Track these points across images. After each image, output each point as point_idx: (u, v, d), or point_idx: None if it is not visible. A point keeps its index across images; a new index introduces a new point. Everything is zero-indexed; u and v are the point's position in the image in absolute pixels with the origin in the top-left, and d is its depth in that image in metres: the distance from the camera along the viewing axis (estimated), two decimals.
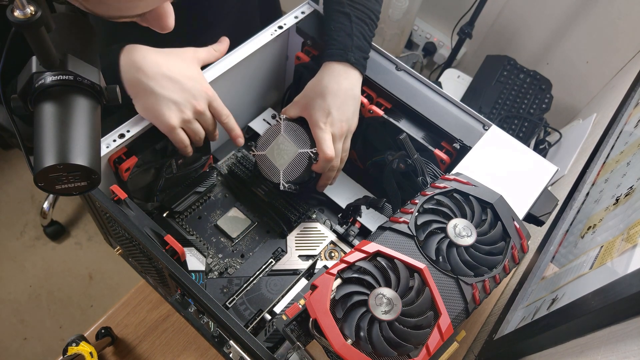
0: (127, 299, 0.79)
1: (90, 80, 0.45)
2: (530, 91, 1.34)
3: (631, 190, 0.55)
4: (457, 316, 0.49)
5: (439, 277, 0.51)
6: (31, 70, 0.43)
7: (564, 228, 0.74)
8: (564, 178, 0.99)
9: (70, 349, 0.70)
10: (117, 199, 0.61)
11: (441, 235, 0.53)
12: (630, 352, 0.39)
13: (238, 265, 0.73)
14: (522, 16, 1.55)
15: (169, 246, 0.58)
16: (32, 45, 0.41)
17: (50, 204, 1.62)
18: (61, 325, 1.52)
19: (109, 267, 1.62)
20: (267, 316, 0.69)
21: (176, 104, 0.61)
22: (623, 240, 0.48)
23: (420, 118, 0.71)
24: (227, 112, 0.68)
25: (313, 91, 0.70)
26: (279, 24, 0.77)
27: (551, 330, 0.51)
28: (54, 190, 0.44)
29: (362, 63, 0.71)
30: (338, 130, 0.69)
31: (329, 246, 0.77)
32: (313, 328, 0.47)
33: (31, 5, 0.38)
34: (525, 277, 0.76)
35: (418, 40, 1.86)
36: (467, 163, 0.65)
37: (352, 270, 0.50)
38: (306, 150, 0.70)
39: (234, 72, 0.73)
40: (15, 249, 1.63)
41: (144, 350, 0.76)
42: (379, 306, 0.48)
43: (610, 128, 0.83)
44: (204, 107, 0.64)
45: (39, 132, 0.42)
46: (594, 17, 1.39)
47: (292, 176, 0.70)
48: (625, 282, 0.42)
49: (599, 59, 1.45)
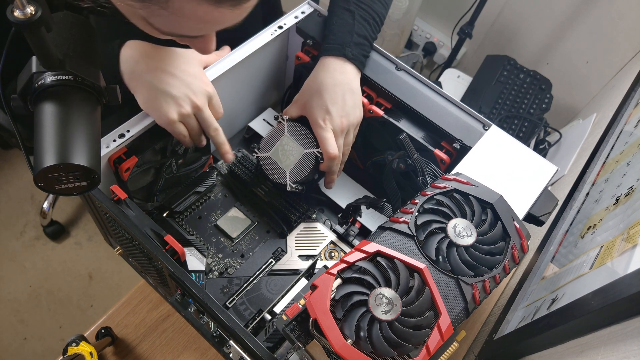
0: (127, 299, 0.79)
1: (90, 80, 0.45)
2: (530, 91, 1.34)
3: (631, 190, 0.55)
4: (457, 316, 0.49)
5: (439, 277, 0.51)
6: (31, 70, 0.43)
7: (564, 228, 0.74)
8: (564, 178, 0.99)
9: (70, 349, 0.69)
10: (117, 199, 0.61)
11: (441, 235, 0.53)
12: (630, 352, 0.39)
13: (238, 265, 0.73)
14: (522, 16, 1.55)
15: (169, 246, 0.58)
16: (32, 45, 0.41)
17: (50, 204, 1.62)
18: (61, 325, 1.52)
19: (109, 267, 1.62)
20: (267, 316, 0.69)
21: (174, 99, 0.61)
22: (623, 240, 0.48)
23: (420, 118, 0.71)
24: (217, 126, 0.67)
25: (310, 89, 0.70)
26: (279, 24, 0.77)
27: (551, 330, 0.51)
28: (54, 190, 0.44)
29: (360, 59, 0.70)
30: (338, 125, 0.68)
31: (329, 246, 0.77)
32: (313, 328, 0.47)
33: (31, 5, 0.38)
34: (525, 277, 0.76)
35: (418, 40, 1.86)
36: (467, 163, 0.65)
37: (352, 270, 0.50)
38: (312, 150, 0.70)
39: (234, 72, 0.73)
40: (15, 249, 1.63)
41: (144, 350, 0.76)
42: (379, 306, 0.48)
43: (610, 128, 0.83)
44: (202, 102, 0.64)
45: (39, 132, 0.42)
46: (594, 17, 1.39)
47: (298, 177, 0.70)
48: (625, 282, 0.42)
49: (599, 59, 1.45)
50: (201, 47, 0.56)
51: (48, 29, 0.40)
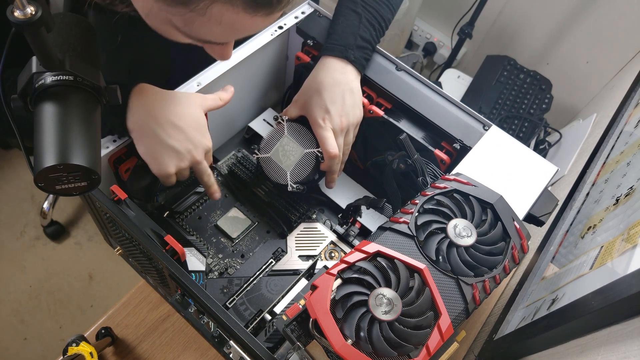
0: (127, 299, 0.79)
1: (90, 80, 0.45)
2: (530, 91, 1.34)
3: (631, 191, 0.55)
4: (457, 316, 0.49)
5: (439, 277, 0.51)
6: (31, 70, 0.43)
7: (564, 228, 0.74)
8: (564, 178, 0.99)
9: (70, 349, 0.69)
10: (117, 199, 0.61)
11: (441, 235, 0.53)
12: (630, 352, 0.39)
13: (238, 266, 0.73)
14: (522, 16, 1.55)
15: (169, 246, 0.58)
16: (32, 45, 0.41)
17: (50, 204, 1.62)
18: (61, 325, 1.52)
19: (109, 267, 1.62)
20: (267, 316, 0.69)
21: (177, 153, 0.61)
22: (623, 241, 0.48)
23: (420, 118, 0.71)
24: (209, 172, 0.67)
25: (309, 88, 0.70)
26: (279, 24, 0.77)
27: (551, 331, 0.51)
28: (54, 190, 0.44)
29: (361, 62, 0.71)
30: (338, 125, 0.68)
31: (329, 246, 0.77)
32: (313, 328, 0.47)
33: (31, 5, 0.38)
34: (525, 277, 0.76)
35: (418, 41, 1.86)
36: (467, 163, 0.65)
37: (352, 270, 0.50)
38: (312, 150, 0.70)
39: (234, 72, 0.73)
40: (15, 249, 1.63)
41: (144, 350, 0.76)
42: (379, 306, 0.48)
43: (610, 128, 0.83)
44: (201, 157, 0.64)
45: (39, 132, 0.42)
46: (594, 17, 1.39)
47: (299, 177, 0.70)
48: (625, 282, 0.42)
49: (599, 59, 1.45)
50: (221, 53, 0.56)
51: (48, 29, 0.40)
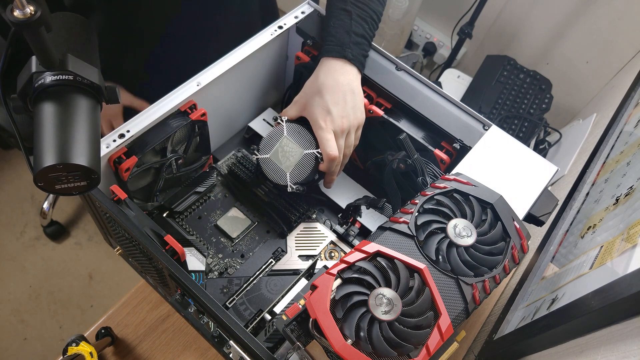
0: (127, 299, 0.79)
1: (90, 80, 0.45)
2: (530, 91, 1.34)
3: (631, 190, 0.55)
4: (457, 316, 0.49)
5: (439, 277, 0.51)
6: (31, 70, 0.43)
7: (564, 228, 0.74)
8: (564, 178, 0.99)
9: (70, 349, 0.69)
10: (117, 199, 0.61)
11: (441, 235, 0.53)
12: (630, 352, 0.39)
13: (238, 265, 0.73)
14: (522, 16, 1.55)
15: (169, 246, 0.58)
16: (32, 45, 0.41)
17: (50, 204, 1.62)
18: (61, 325, 1.52)
19: (109, 267, 1.62)
20: (267, 316, 0.69)
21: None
22: (623, 240, 0.48)
23: (420, 118, 0.71)
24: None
25: (311, 89, 0.70)
26: (279, 24, 0.77)
27: (551, 330, 0.51)
28: (53, 190, 0.44)
29: (360, 60, 0.71)
30: (339, 127, 0.68)
31: (329, 246, 0.77)
32: (313, 328, 0.47)
33: (31, 5, 0.38)
34: (525, 277, 0.76)
35: (418, 40, 1.86)
36: (467, 163, 0.65)
37: (352, 270, 0.50)
38: (312, 151, 0.70)
39: (234, 72, 0.73)
40: (15, 249, 1.63)
41: (144, 350, 0.76)
42: (379, 306, 0.48)
43: (610, 128, 0.83)
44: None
45: (39, 132, 0.42)
46: (594, 17, 1.39)
47: (299, 177, 0.70)
48: (625, 282, 0.42)
49: (599, 59, 1.45)
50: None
51: (48, 29, 0.40)
